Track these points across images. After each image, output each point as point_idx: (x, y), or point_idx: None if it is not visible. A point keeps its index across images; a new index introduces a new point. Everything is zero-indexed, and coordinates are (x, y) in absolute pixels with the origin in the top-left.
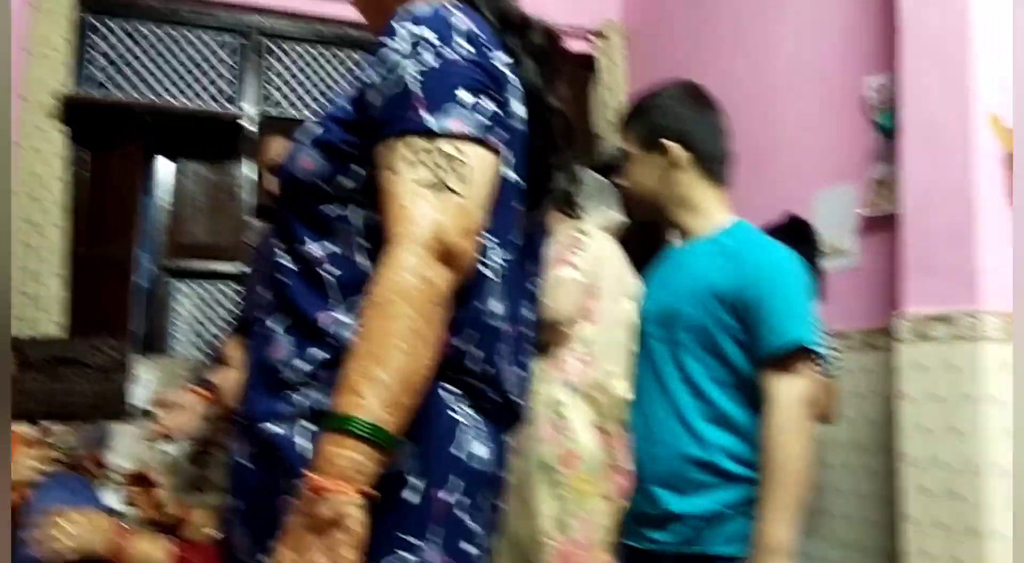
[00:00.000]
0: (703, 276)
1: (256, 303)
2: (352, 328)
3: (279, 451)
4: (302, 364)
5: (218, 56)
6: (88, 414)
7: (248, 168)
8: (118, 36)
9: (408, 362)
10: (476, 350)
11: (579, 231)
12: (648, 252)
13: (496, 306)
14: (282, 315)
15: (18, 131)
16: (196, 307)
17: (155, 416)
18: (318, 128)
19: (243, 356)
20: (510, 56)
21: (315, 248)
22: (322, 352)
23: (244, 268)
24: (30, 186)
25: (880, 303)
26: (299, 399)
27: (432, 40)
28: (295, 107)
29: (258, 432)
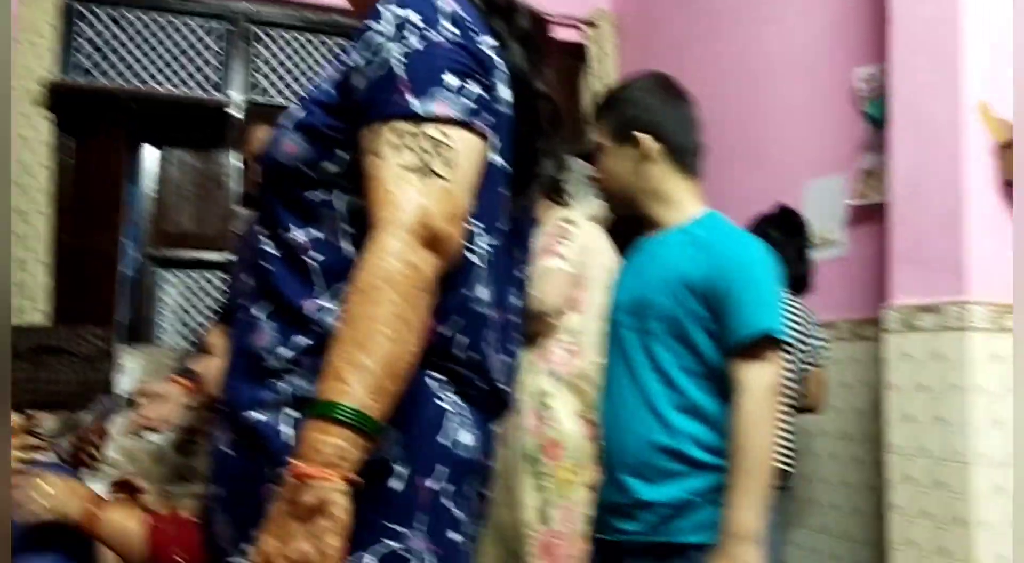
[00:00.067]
0: (674, 266)
1: (240, 290)
2: (336, 314)
3: (263, 439)
4: (286, 351)
5: (204, 43)
6: (74, 403)
7: (234, 156)
8: (104, 23)
9: (393, 348)
10: (462, 337)
11: (566, 220)
12: (636, 241)
13: (483, 292)
14: (266, 302)
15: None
16: (182, 296)
17: (138, 406)
18: (301, 112)
19: (226, 344)
20: (496, 39)
21: (299, 234)
22: (306, 339)
23: (230, 257)
24: (15, 173)
25: (869, 293)
26: (283, 386)
27: (417, 22)
28: (282, 94)
29: (241, 420)
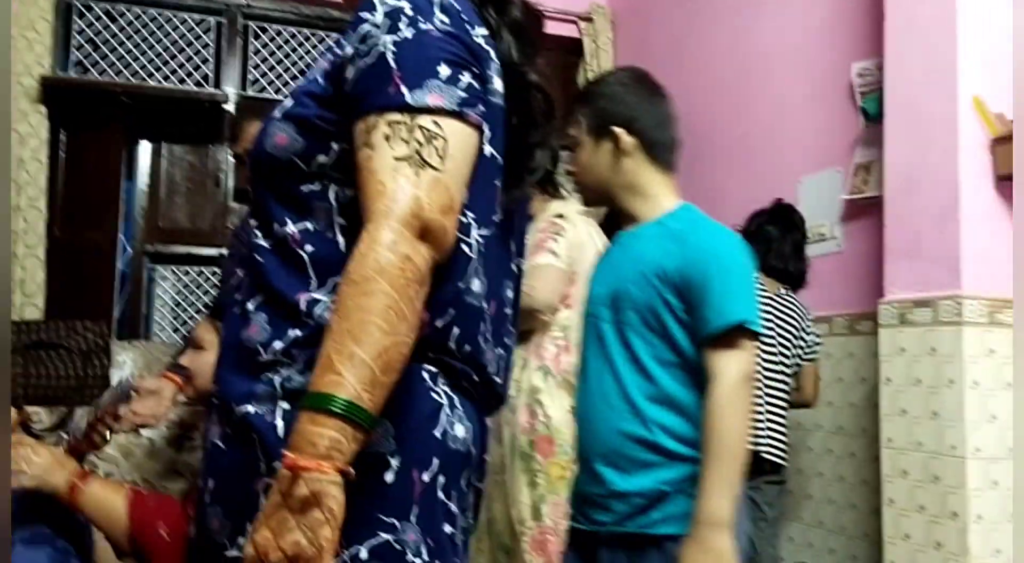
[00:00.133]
0: (649, 257)
1: (233, 284)
2: (330, 307)
3: (256, 432)
4: (279, 344)
5: (200, 38)
6: (70, 398)
7: (229, 151)
8: (100, 18)
9: (386, 340)
10: (456, 329)
11: (558, 216)
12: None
13: (476, 285)
14: (259, 295)
15: None
16: (177, 291)
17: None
18: (290, 102)
19: (215, 339)
20: (489, 30)
21: (291, 227)
22: (300, 332)
23: (225, 252)
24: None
25: (864, 288)
26: (276, 379)
27: (409, 12)
28: (277, 89)
29: (235, 413)
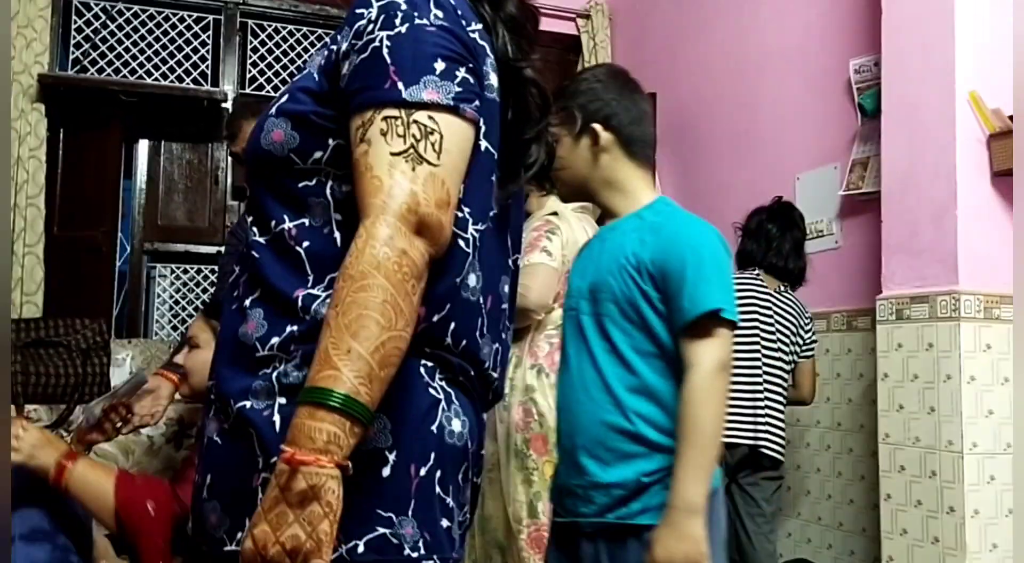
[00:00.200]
0: (627, 249)
1: (230, 281)
2: (327, 302)
3: (253, 427)
4: (276, 339)
5: (198, 36)
6: (69, 396)
7: (229, 149)
8: (99, 16)
9: (384, 335)
10: (453, 324)
11: (552, 214)
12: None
13: (473, 280)
14: (256, 291)
15: None
16: (176, 289)
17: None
18: (285, 98)
19: (210, 337)
20: (484, 26)
21: (288, 223)
22: (297, 327)
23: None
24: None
25: (862, 284)
26: (274, 374)
27: (404, 7)
28: (277, 88)
29: (231, 408)
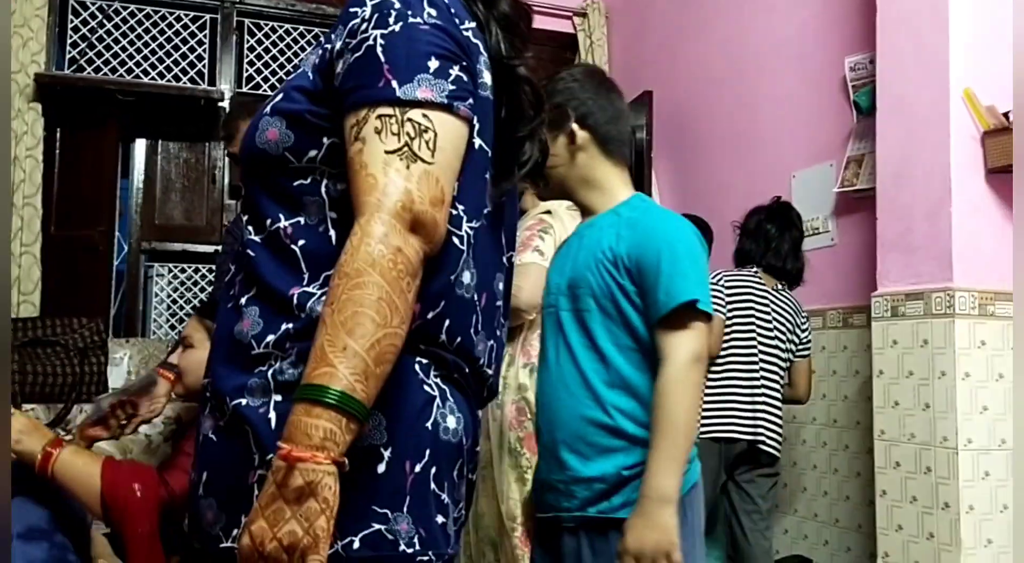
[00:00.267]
0: (604, 244)
1: (226, 279)
2: (322, 300)
3: (249, 424)
4: (272, 337)
5: (195, 35)
6: (67, 395)
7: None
8: (95, 15)
9: (379, 332)
10: (448, 321)
11: (546, 212)
12: None
13: (467, 277)
14: (252, 290)
15: None
16: (173, 288)
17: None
18: (280, 97)
19: (204, 337)
20: (477, 24)
21: (283, 221)
22: (292, 325)
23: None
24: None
25: (857, 281)
26: (269, 372)
27: (397, 6)
28: (274, 87)
29: (227, 406)
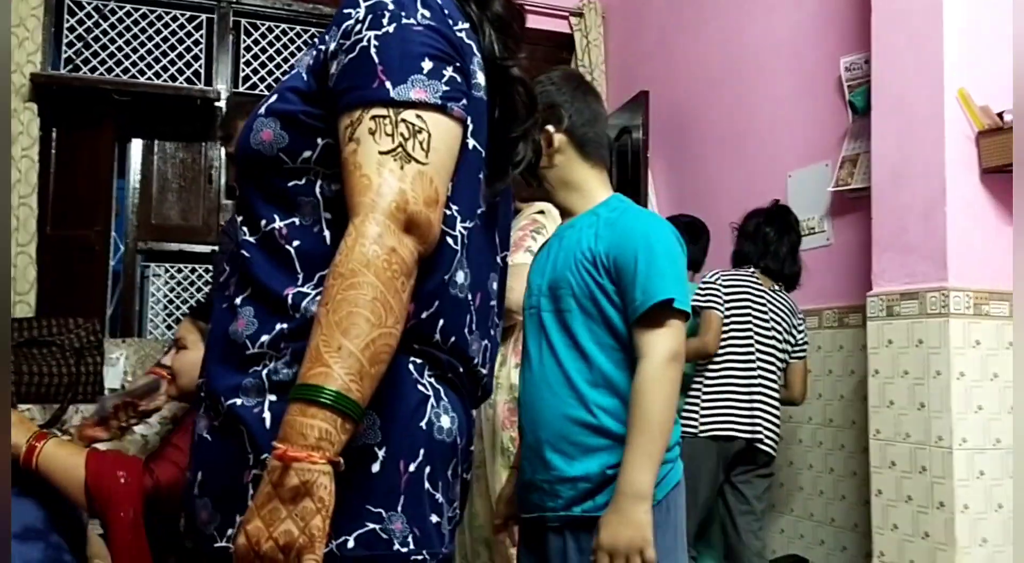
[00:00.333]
0: (583, 244)
1: (221, 279)
2: (317, 300)
3: (244, 424)
4: (266, 337)
5: (191, 35)
6: (63, 396)
7: (223, 149)
8: (91, 15)
9: (374, 332)
10: (442, 321)
11: (539, 213)
12: None
13: (461, 277)
14: (246, 290)
15: None
16: (170, 288)
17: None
18: (274, 98)
19: (198, 338)
20: (471, 25)
21: (278, 222)
22: (287, 325)
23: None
24: None
25: (853, 281)
26: (265, 372)
27: (391, 7)
28: (270, 87)
29: (222, 406)
